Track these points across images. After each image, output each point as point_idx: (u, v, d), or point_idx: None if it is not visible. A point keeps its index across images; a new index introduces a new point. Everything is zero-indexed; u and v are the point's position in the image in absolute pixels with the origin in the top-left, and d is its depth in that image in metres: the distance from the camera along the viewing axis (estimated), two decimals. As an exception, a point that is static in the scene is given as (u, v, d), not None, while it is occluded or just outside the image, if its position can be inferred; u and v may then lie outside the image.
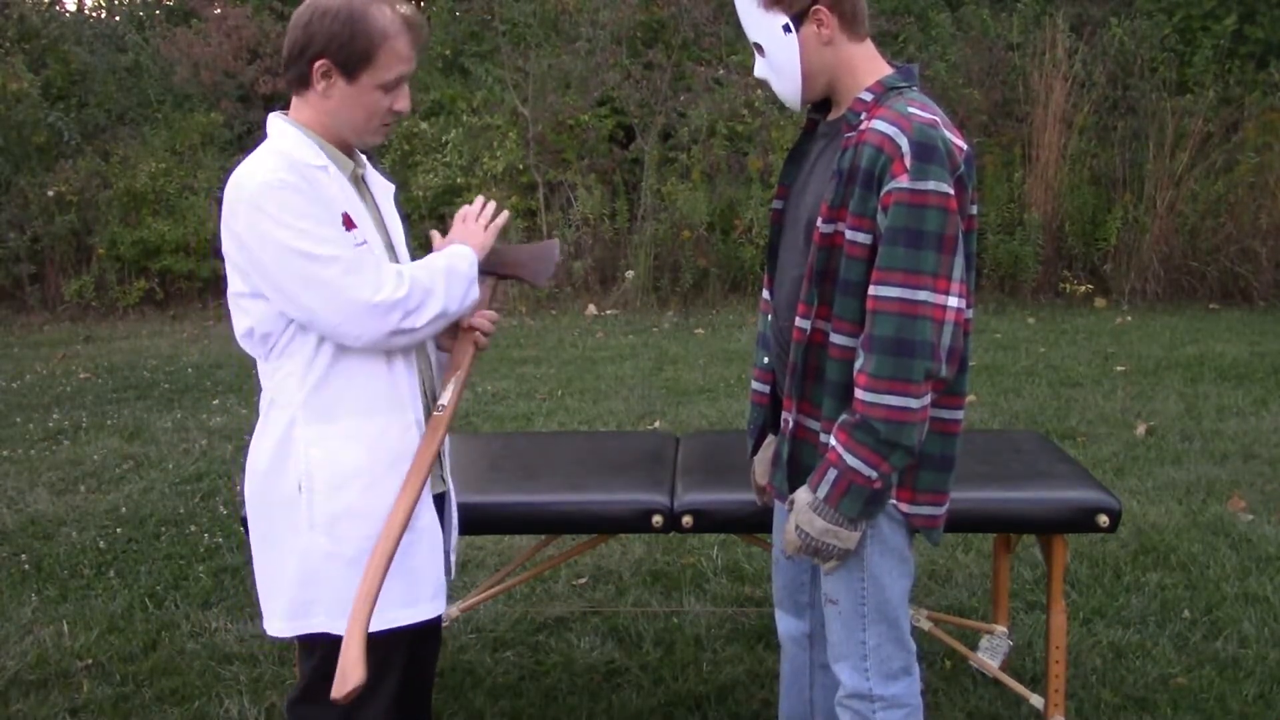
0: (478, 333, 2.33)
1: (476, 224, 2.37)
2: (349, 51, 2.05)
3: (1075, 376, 6.96)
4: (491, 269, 2.43)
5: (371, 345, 2.10)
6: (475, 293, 2.25)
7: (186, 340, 8.95)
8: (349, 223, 2.10)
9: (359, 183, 2.25)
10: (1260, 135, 9.72)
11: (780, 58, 2.09)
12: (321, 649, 2.19)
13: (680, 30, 10.62)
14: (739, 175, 10.11)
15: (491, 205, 2.42)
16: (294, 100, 2.17)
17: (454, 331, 2.36)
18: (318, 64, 2.07)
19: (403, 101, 2.14)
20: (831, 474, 2.01)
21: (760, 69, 2.17)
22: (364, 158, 2.31)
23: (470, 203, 2.43)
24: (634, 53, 10.70)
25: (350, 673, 1.96)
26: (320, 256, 2.02)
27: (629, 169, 10.57)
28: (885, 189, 1.95)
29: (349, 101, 2.10)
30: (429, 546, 2.23)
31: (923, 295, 1.94)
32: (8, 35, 11.57)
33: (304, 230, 2.02)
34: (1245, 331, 8.33)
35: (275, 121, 2.17)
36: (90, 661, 3.52)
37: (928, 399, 1.98)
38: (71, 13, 12.53)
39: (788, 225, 2.25)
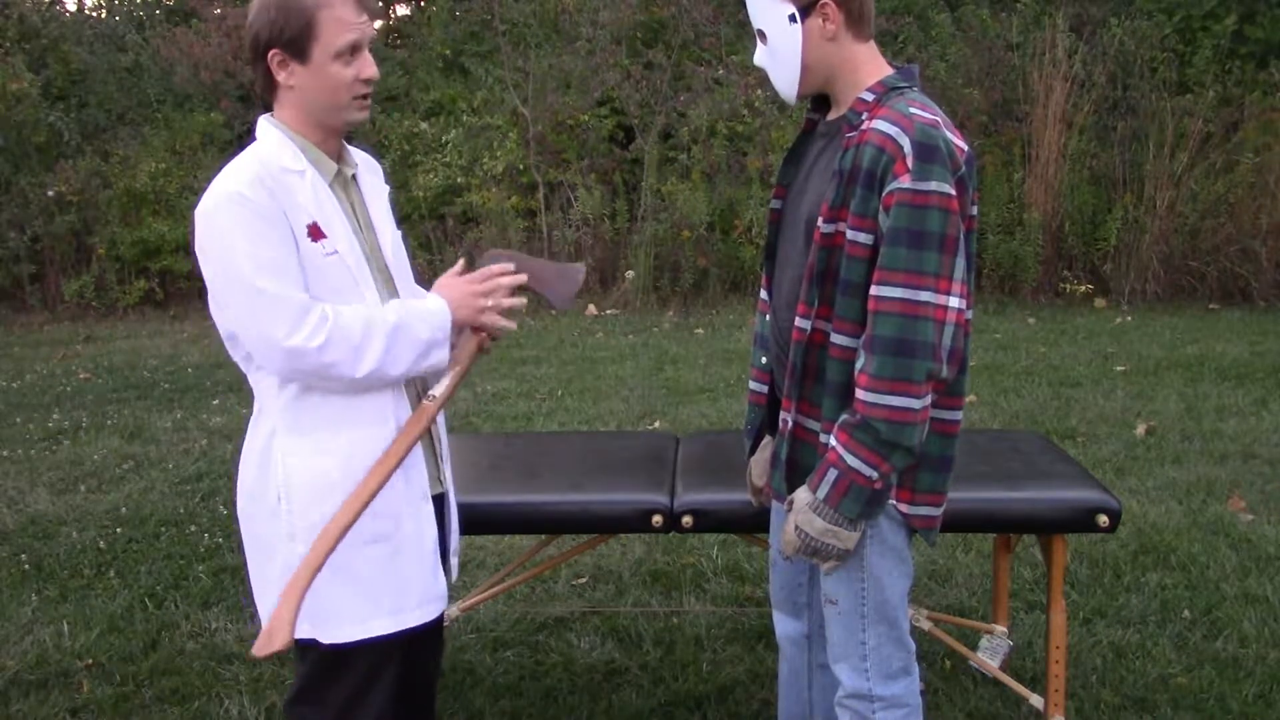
0: (485, 337, 2.30)
1: (481, 288, 2.20)
2: (291, 33, 2.04)
3: (1075, 376, 6.96)
4: None
5: (293, 380, 2.08)
6: (437, 356, 2.14)
7: (186, 340, 8.95)
8: (316, 233, 2.08)
9: (347, 185, 2.23)
10: (1260, 135, 9.71)
11: (782, 47, 2.09)
12: (315, 652, 2.19)
13: (680, 30, 10.61)
14: (739, 175, 10.11)
15: (512, 280, 2.24)
16: (274, 103, 2.16)
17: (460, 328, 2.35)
18: (270, 56, 2.07)
19: (368, 69, 2.10)
20: (832, 474, 2.01)
21: (760, 57, 2.16)
22: (357, 157, 2.29)
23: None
24: (634, 53, 10.70)
25: (276, 633, 1.94)
26: (248, 283, 2.00)
27: (629, 169, 10.57)
28: (887, 189, 1.95)
29: (312, 82, 2.08)
30: (415, 554, 2.21)
31: (925, 296, 1.94)
32: (8, 35, 11.56)
33: (245, 251, 2.00)
34: (1245, 331, 8.33)
35: (262, 124, 2.17)
36: (90, 661, 3.52)
37: (929, 399, 1.98)
38: (71, 13, 12.52)
39: (786, 225, 2.24)
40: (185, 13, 12.26)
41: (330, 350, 2.02)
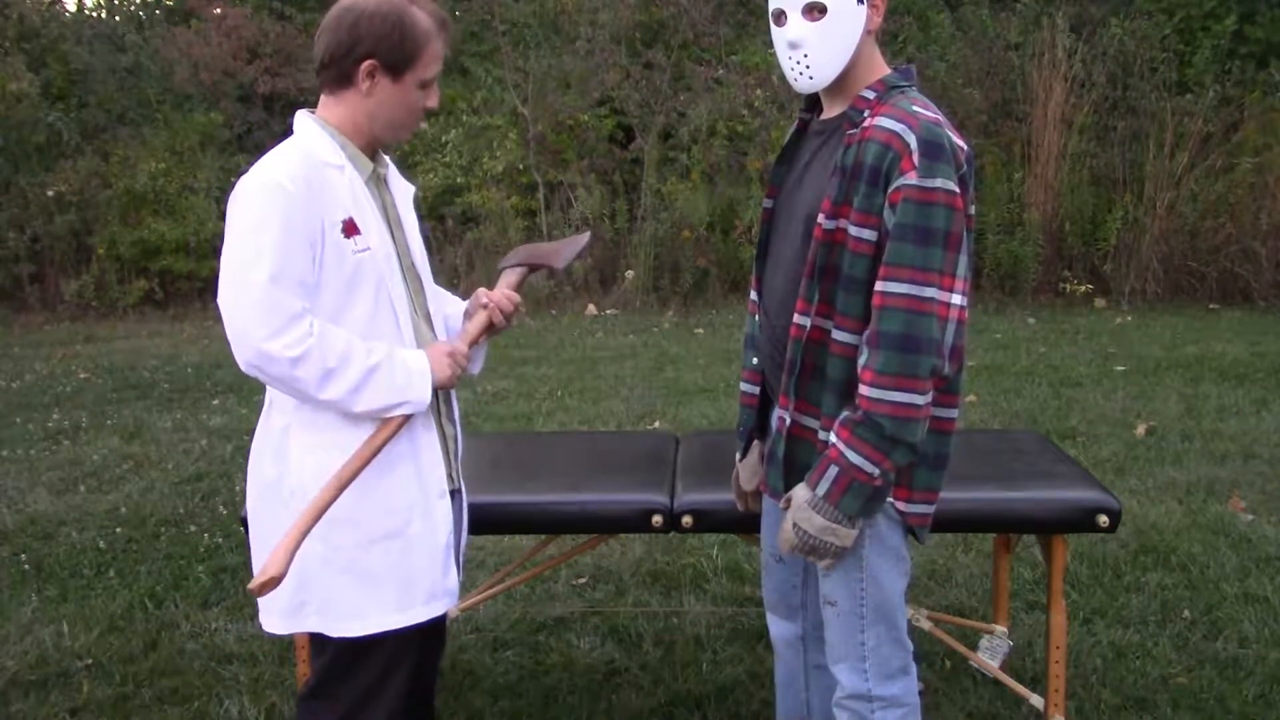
0: (495, 308, 2.31)
1: (456, 349, 2.23)
2: (398, 53, 2.10)
3: (1075, 376, 6.96)
4: (523, 262, 2.44)
5: (255, 376, 2.07)
6: (410, 410, 2.13)
7: (186, 340, 8.95)
8: (351, 229, 2.10)
9: (380, 183, 2.26)
10: (1260, 135, 9.72)
11: (842, 25, 2.04)
12: (333, 647, 2.20)
13: (680, 30, 10.62)
14: (739, 175, 10.11)
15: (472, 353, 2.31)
16: (325, 99, 2.18)
17: (472, 306, 2.36)
18: (365, 64, 2.10)
19: (434, 98, 2.19)
20: (832, 471, 2.01)
21: (802, 31, 2.05)
22: (386, 158, 2.32)
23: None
24: (634, 53, 10.71)
25: (271, 567, 1.94)
26: (252, 272, 2.00)
27: (629, 169, 10.57)
28: (894, 186, 1.95)
29: (391, 100, 2.13)
30: (425, 551, 2.22)
31: (930, 292, 1.94)
32: (8, 35, 11.56)
33: (265, 242, 2.01)
34: (1245, 331, 8.33)
35: (301, 119, 2.19)
36: (90, 661, 3.52)
37: (930, 396, 1.98)
38: (71, 13, 12.53)
39: (779, 224, 2.24)
40: (185, 13, 12.27)
41: (303, 365, 2.02)
